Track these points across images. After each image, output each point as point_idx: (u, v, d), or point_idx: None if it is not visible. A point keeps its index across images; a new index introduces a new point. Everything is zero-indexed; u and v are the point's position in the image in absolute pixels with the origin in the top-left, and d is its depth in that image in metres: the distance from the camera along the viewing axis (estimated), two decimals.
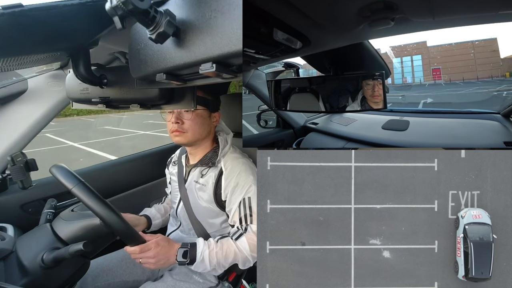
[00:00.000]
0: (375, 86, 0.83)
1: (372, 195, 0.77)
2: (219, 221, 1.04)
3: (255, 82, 1.25)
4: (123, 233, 0.80)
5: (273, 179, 0.77)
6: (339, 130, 1.21)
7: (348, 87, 0.88)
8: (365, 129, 1.12)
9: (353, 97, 0.87)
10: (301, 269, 0.76)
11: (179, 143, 1.02)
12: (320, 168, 0.77)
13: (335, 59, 0.89)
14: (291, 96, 0.97)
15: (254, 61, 0.93)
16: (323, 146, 1.22)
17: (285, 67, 1.08)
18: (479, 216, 0.73)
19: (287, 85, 0.98)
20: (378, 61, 0.93)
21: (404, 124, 1.02)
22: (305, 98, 0.94)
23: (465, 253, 0.72)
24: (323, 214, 0.76)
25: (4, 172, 1.11)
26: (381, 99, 0.83)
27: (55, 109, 1.17)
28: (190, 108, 0.93)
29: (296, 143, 1.35)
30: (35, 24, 0.52)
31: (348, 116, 1.26)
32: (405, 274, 0.76)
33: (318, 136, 1.30)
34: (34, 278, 0.78)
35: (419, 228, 0.76)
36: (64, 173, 0.78)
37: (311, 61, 0.97)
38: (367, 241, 0.76)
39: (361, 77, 0.85)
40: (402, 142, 0.96)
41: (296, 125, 1.40)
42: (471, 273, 0.70)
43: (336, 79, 0.89)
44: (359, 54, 0.90)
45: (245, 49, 0.79)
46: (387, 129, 1.05)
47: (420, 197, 0.77)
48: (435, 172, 0.77)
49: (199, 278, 1.03)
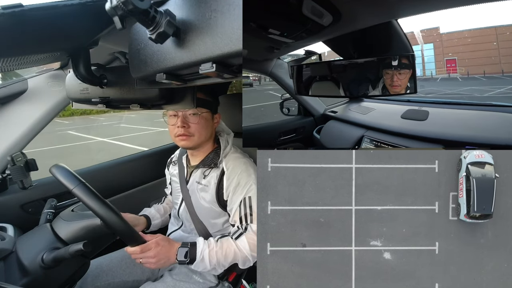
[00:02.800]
0: (394, 75, 0.81)
1: (373, 197, 0.76)
2: (221, 221, 1.04)
3: (278, 71, 1.28)
4: (123, 233, 0.80)
5: (274, 181, 0.76)
6: (358, 118, 1.21)
7: (369, 75, 0.87)
8: (384, 118, 1.10)
9: (373, 85, 0.86)
10: (302, 270, 0.75)
11: (185, 147, 1.01)
12: (321, 170, 0.77)
13: (361, 42, 0.87)
14: (313, 83, 0.98)
15: (278, 46, 0.94)
16: (342, 133, 1.21)
17: (306, 54, 1.09)
18: (481, 155, 0.73)
19: (309, 72, 0.99)
20: (405, 44, 0.89)
21: (424, 114, 0.98)
22: (327, 86, 0.95)
23: (467, 192, 0.72)
24: (324, 216, 0.76)
25: (4, 172, 1.11)
26: (400, 89, 0.82)
27: (55, 109, 1.17)
28: (190, 108, 0.93)
29: (316, 130, 1.40)
30: (35, 24, 0.52)
31: (366, 105, 1.26)
32: (406, 276, 0.75)
33: (337, 124, 1.31)
34: (34, 278, 0.78)
35: (420, 229, 0.76)
36: (65, 173, 0.78)
37: (334, 46, 0.95)
38: (368, 243, 0.76)
39: (382, 65, 0.83)
40: (422, 132, 0.92)
41: (316, 113, 1.44)
42: (473, 209, 0.70)
43: (358, 66, 0.88)
44: (386, 36, 0.87)
45: (270, 30, 0.81)
46: (406, 119, 1.03)
47: (420, 199, 0.77)
48: (436, 173, 0.77)
49: (199, 278, 1.03)
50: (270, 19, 0.70)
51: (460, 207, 0.74)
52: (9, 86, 1.09)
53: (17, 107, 1.12)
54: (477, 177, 0.72)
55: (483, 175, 0.72)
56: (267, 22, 0.73)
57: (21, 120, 1.11)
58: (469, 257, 0.76)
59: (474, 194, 0.71)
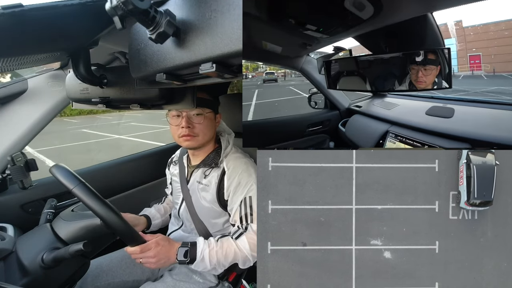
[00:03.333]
0: (419, 71, 0.80)
1: (373, 196, 0.76)
2: (222, 221, 1.04)
3: (307, 67, 1.36)
4: (123, 233, 0.80)
5: (274, 180, 0.77)
6: (382, 113, 1.22)
7: (397, 70, 0.87)
8: (409, 114, 1.10)
9: (401, 80, 0.86)
10: (302, 269, 0.75)
11: (189, 147, 1.01)
12: (321, 169, 0.77)
13: (393, 36, 0.87)
14: (343, 78, 1.01)
15: (310, 43, 0.98)
16: (367, 127, 1.23)
17: (335, 50, 1.12)
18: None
19: (340, 67, 1.02)
20: (437, 38, 0.88)
21: (449, 111, 0.96)
22: (357, 80, 0.97)
23: (467, 179, 0.72)
24: (324, 215, 0.76)
25: (4, 172, 1.10)
26: (425, 85, 0.81)
27: (55, 109, 1.17)
28: (190, 108, 0.93)
29: (341, 123, 1.45)
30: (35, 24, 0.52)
31: (390, 100, 1.27)
32: (406, 275, 0.76)
33: (361, 118, 1.33)
34: (34, 278, 0.78)
35: (420, 228, 0.76)
36: (64, 173, 0.78)
37: (365, 41, 0.97)
38: (368, 242, 0.76)
39: (408, 60, 0.83)
40: (448, 129, 0.90)
41: (341, 107, 1.49)
42: (473, 196, 0.71)
43: (387, 61, 0.88)
44: (419, 30, 0.86)
45: (307, 26, 0.83)
46: (431, 115, 1.01)
47: (421, 198, 0.77)
48: (436, 173, 0.77)
49: (199, 278, 1.03)
50: (310, 15, 0.72)
51: (460, 195, 0.74)
52: (9, 86, 1.09)
53: (17, 107, 1.12)
54: (478, 164, 0.72)
55: (484, 162, 0.72)
56: (306, 18, 0.77)
57: (21, 120, 1.11)
58: (469, 256, 0.76)
59: (475, 181, 0.71)
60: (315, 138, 1.46)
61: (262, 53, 1.15)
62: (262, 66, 1.87)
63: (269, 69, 1.79)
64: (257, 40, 1.06)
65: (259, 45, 1.08)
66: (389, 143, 1.03)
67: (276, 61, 1.36)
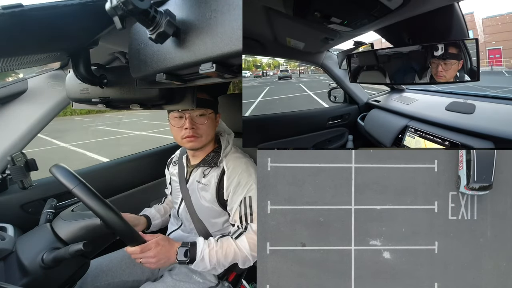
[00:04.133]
0: (439, 65, 0.79)
1: (373, 196, 0.77)
2: (222, 220, 1.04)
3: (328, 62, 1.40)
4: (123, 233, 0.80)
5: (274, 180, 0.77)
6: (401, 108, 1.21)
7: (416, 65, 0.85)
8: (428, 109, 1.08)
9: (420, 74, 0.85)
10: (302, 270, 0.76)
11: (193, 148, 1.00)
12: (321, 169, 0.77)
13: (417, 28, 0.86)
14: (368, 71, 1.02)
15: (333, 37, 1.00)
16: (386, 122, 1.24)
17: (355, 45, 1.14)
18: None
19: (359, 61, 1.04)
20: (462, 29, 0.84)
21: (470, 107, 0.93)
22: (379, 74, 0.97)
23: (467, 162, 0.72)
24: (323, 215, 0.76)
25: (4, 172, 1.10)
26: (445, 79, 0.80)
27: (55, 109, 1.17)
28: (190, 108, 0.93)
29: (360, 117, 1.48)
30: (35, 24, 0.52)
31: (408, 95, 1.28)
32: (405, 275, 0.76)
33: (380, 113, 1.35)
34: (34, 278, 0.78)
35: (419, 229, 0.76)
36: (65, 173, 0.78)
37: (387, 33, 0.97)
38: (367, 242, 0.76)
39: (430, 54, 0.81)
40: (470, 126, 0.86)
41: (360, 102, 1.51)
42: (473, 180, 0.70)
43: (408, 55, 0.87)
44: (445, 21, 0.84)
45: (332, 19, 0.83)
46: (451, 111, 0.99)
47: (420, 198, 0.77)
48: (435, 173, 0.77)
49: (199, 278, 1.03)
50: (336, 6, 0.74)
51: (460, 180, 0.73)
52: (9, 86, 1.09)
53: (17, 107, 1.12)
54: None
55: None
56: (332, 10, 0.78)
57: (21, 120, 1.11)
58: (468, 256, 0.76)
59: (474, 165, 0.71)
60: (335, 131, 1.50)
61: (286, 49, 1.19)
62: (283, 64, 1.92)
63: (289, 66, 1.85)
64: (282, 37, 1.08)
65: (283, 42, 1.11)
66: (409, 138, 1.02)
67: (298, 57, 1.40)
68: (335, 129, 1.50)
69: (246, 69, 2.19)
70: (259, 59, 2.06)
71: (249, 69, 2.17)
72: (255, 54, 1.40)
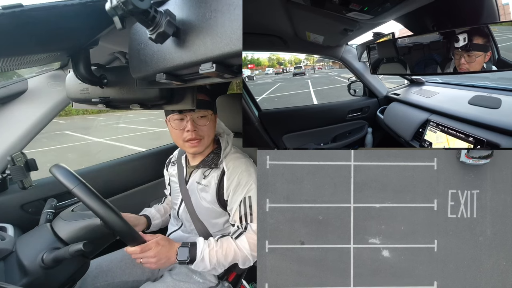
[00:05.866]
0: (462, 57, 0.74)
1: (372, 194, 0.77)
2: (222, 221, 1.04)
3: (347, 56, 1.42)
4: (123, 233, 0.80)
5: (273, 178, 0.77)
6: (422, 101, 1.19)
7: (437, 56, 0.82)
8: (450, 102, 1.04)
9: (443, 65, 0.82)
10: (300, 268, 0.76)
11: (196, 152, 1.00)
12: (320, 167, 0.77)
13: (443, 13, 0.82)
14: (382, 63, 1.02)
15: (352, 28, 1.00)
16: (406, 115, 1.22)
17: (374, 36, 1.14)
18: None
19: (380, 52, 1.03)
20: (494, 15, 0.76)
21: (496, 101, 0.88)
22: (397, 65, 0.96)
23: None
24: (322, 213, 0.77)
25: (4, 172, 1.11)
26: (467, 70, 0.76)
27: (55, 109, 1.17)
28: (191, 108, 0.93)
29: (379, 111, 1.49)
30: (35, 24, 0.52)
31: (428, 88, 1.26)
32: (404, 273, 0.76)
33: (400, 106, 1.34)
34: (34, 278, 0.78)
35: (419, 227, 0.77)
36: (65, 173, 0.78)
37: (410, 22, 0.94)
38: (366, 240, 0.76)
39: (453, 46, 0.76)
40: (496, 121, 0.82)
41: (380, 95, 1.52)
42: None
43: (430, 45, 0.83)
44: (474, 5, 0.77)
45: (351, 6, 0.81)
46: (474, 105, 0.94)
47: (419, 196, 0.77)
48: (435, 171, 0.77)
49: (199, 278, 1.03)
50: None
51: (460, 151, 0.72)
52: (9, 86, 1.09)
53: (17, 107, 1.12)
54: None
55: None
56: None
57: (21, 120, 1.11)
58: (467, 254, 0.77)
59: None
60: (354, 124, 1.52)
61: (306, 44, 1.20)
62: (303, 60, 1.94)
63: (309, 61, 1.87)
64: (302, 31, 1.08)
65: (303, 37, 1.12)
66: (430, 132, 1.00)
67: (318, 51, 1.41)
68: (355, 121, 1.51)
69: (270, 67, 2.22)
70: (282, 57, 2.10)
71: (273, 66, 2.21)
72: (278, 50, 1.41)
